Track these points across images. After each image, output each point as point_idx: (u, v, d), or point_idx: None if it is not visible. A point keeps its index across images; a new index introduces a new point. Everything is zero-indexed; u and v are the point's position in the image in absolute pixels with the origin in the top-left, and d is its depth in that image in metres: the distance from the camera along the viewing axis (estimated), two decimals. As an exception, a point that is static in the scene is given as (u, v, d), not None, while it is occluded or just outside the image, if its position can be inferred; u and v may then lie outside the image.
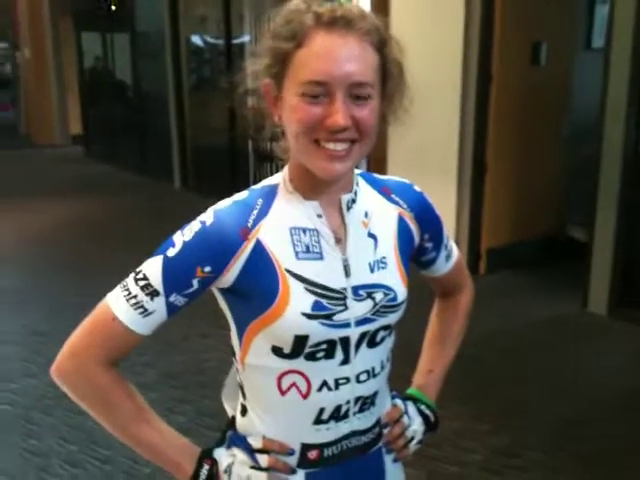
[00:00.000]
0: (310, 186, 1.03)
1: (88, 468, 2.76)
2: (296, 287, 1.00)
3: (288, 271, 1.00)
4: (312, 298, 1.00)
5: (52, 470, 2.75)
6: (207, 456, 1.08)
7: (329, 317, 1.01)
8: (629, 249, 4.12)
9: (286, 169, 1.06)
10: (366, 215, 1.07)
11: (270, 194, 1.04)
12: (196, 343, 3.82)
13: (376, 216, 1.08)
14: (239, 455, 1.08)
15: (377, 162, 5.19)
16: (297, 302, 0.99)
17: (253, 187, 1.06)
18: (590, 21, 5.37)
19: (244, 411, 1.11)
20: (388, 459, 1.17)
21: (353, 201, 1.06)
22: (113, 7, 9.83)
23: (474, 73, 4.61)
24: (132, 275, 1.01)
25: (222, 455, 1.08)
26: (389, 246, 1.09)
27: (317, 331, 1.00)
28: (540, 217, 5.14)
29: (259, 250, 0.99)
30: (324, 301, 1.01)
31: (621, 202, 4.05)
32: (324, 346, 1.02)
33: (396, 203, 1.12)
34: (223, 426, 1.17)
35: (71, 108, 11.96)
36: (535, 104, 4.85)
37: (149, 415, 1.07)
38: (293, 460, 1.07)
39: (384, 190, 1.12)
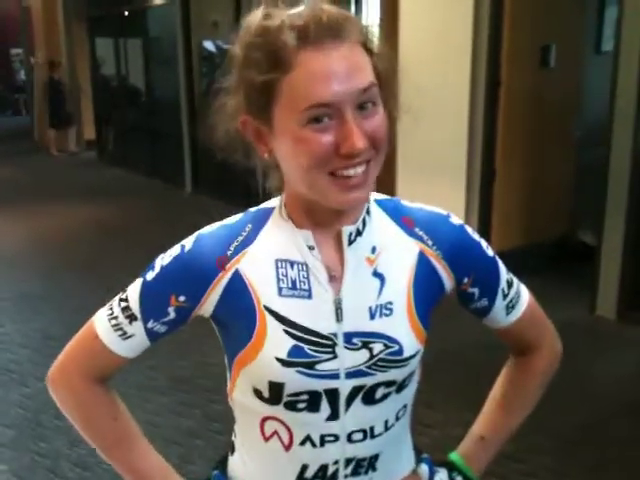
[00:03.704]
0: (306, 214, 0.92)
1: (97, 471, 2.79)
2: (274, 328, 0.90)
3: (267, 308, 0.90)
4: (290, 342, 0.89)
5: (61, 472, 2.79)
6: None
7: (310, 365, 0.89)
8: (638, 253, 4.11)
9: (283, 195, 0.96)
10: (373, 251, 0.93)
11: (262, 219, 0.95)
12: (204, 344, 3.84)
13: (388, 252, 0.94)
14: None
15: (386, 166, 5.19)
16: (273, 345, 0.89)
17: (250, 209, 0.98)
18: (600, 24, 5.35)
19: (232, 450, 1.05)
20: None
21: (358, 233, 0.93)
22: (126, 12, 9.90)
23: (482, 76, 4.61)
24: (120, 294, 0.97)
25: None
26: (400, 290, 0.93)
27: (294, 380, 0.89)
28: (550, 221, 5.12)
29: (237, 281, 0.91)
30: (306, 347, 0.89)
31: (630, 205, 4.03)
32: (305, 397, 0.91)
33: (419, 238, 0.95)
34: (230, 429, 1.14)
35: (85, 113, 12.05)
36: (544, 107, 4.84)
37: (135, 440, 1.03)
38: None
39: (405, 221, 0.96)
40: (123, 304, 0.95)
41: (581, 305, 4.31)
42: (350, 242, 0.92)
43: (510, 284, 1.01)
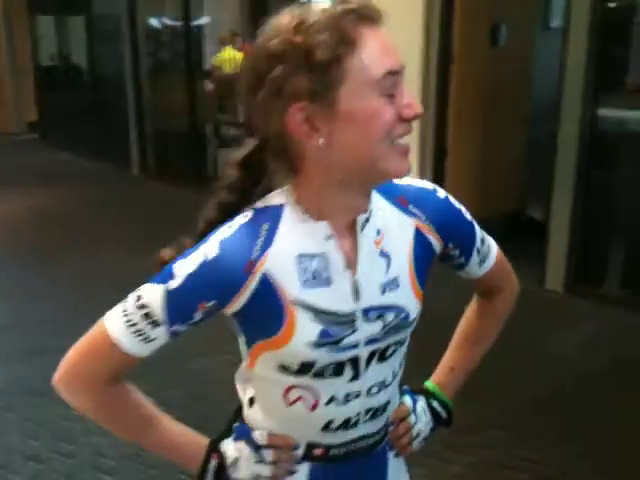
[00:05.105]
0: (327, 207, 0.98)
1: (52, 463, 2.73)
2: (302, 318, 0.98)
3: (294, 302, 0.98)
4: (319, 327, 0.98)
5: (14, 467, 2.71)
6: (214, 450, 1.09)
7: (336, 343, 1.00)
8: (585, 227, 4.21)
9: (289, 190, 1.00)
10: (378, 233, 1.02)
11: (275, 218, 0.99)
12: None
13: (389, 232, 1.04)
14: (245, 450, 1.08)
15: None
16: (303, 333, 0.98)
17: (257, 206, 1.01)
18: (548, 1, 5.41)
19: (252, 403, 1.12)
20: (391, 454, 1.18)
21: (367, 220, 1.01)
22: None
23: (435, 56, 4.62)
24: (132, 300, 0.99)
25: (229, 449, 1.09)
26: (403, 264, 1.05)
27: (324, 357, 1.00)
28: (501, 197, 5.19)
29: (264, 283, 0.97)
30: (332, 328, 0.99)
31: (577, 181, 4.12)
32: (332, 367, 1.02)
33: (413, 215, 1.06)
34: (187, 415, 1.20)
35: (26, 94, 11.64)
36: (495, 86, 4.88)
37: (157, 419, 1.09)
38: (297, 454, 1.09)
39: (399, 201, 1.06)
40: (143, 311, 0.97)
41: (530, 279, 4.38)
42: (362, 229, 1.01)
43: (483, 241, 1.15)
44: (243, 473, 1.08)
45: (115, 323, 0.99)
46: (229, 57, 7.14)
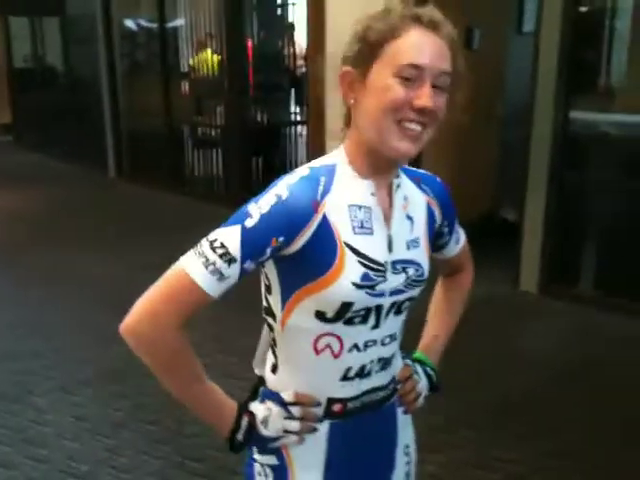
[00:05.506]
0: (368, 167, 1.17)
1: (24, 469, 2.69)
2: (350, 259, 1.13)
3: (346, 244, 1.13)
4: (362, 270, 1.13)
5: (-16, 473, 2.68)
6: (245, 410, 1.20)
7: (372, 287, 1.14)
8: (559, 228, 4.25)
9: (342, 152, 1.19)
10: (405, 199, 1.22)
11: (330, 173, 1.16)
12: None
13: (411, 201, 1.24)
14: (274, 408, 1.21)
15: (315, 148, 5.19)
16: (349, 273, 1.12)
17: (312, 165, 1.17)
18: (521, 5, 5.47)
19: (274, 369, 1.25)
20: (399, 411, 1.33)
21: (398, 185, 1.21)
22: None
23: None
24: (206, 243, 1.09)
25: (258, 408, 1.21)
26: (420, 229, 1.25)
27: (362, 299, 1.14)
28: (474, 199, 5.22)
29: (324, 223, 1.11)
30: (371, 273, 1.14)
31: (550, 183, 4.17)
32: (362, 312, 1.16)
33: (424, 192, 1.28)
34: (161, 419, 1.18)
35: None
36: (469, 88, 4.91)
37: (204, 376, 1.17)
38: (319, 411, 1.22)
39: (415, 179, 1.28)
40: (220, 250, 1.08)
41: (505, 281, 4.45)
42: (395, 190, 1.20)
43: (458, 224, 1.36)
44: (272, 429, 1.20)
45: (192, 264, 1.08)
46: (205, 59, 7.11)
